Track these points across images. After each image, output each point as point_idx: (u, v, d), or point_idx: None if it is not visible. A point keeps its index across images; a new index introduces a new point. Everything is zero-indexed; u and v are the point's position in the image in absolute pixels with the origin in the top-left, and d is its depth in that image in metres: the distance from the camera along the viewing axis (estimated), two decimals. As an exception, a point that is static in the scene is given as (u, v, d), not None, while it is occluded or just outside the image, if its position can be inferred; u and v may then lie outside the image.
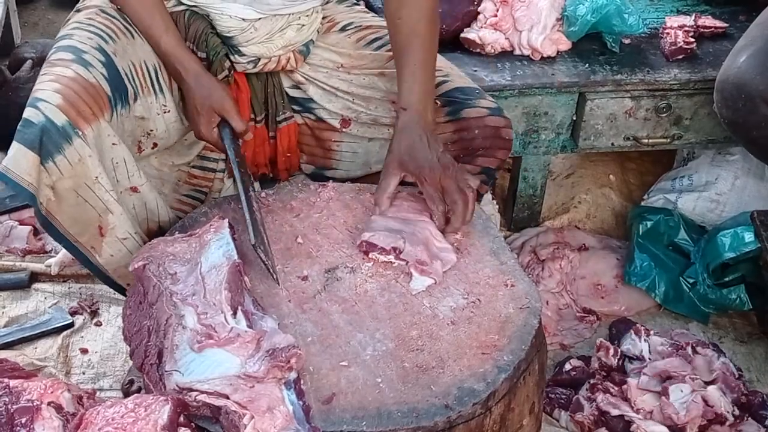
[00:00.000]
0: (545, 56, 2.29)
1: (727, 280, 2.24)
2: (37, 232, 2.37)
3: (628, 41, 2.37)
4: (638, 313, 2.28)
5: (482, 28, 2.31)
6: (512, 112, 2.24)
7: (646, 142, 2.33)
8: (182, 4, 1.78)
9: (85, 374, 2.04)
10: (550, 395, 1.99)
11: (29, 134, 1.51)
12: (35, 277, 2.27)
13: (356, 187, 1.76)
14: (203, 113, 1.71)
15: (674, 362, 1.98)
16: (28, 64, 2.81)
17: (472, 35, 2.28)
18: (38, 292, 2.24)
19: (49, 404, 1.28)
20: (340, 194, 1.73)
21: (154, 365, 1.37)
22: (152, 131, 1.75)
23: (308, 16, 1.82)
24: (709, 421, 1.88)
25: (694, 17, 2.39)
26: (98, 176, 1.57)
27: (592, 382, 2.00)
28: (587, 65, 2.28)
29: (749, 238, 2.17)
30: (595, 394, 1.97)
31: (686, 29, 2.32)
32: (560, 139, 2.34)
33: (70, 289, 2.25)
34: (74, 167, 1.54)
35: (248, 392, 1.26)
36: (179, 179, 1.88)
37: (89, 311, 2.19)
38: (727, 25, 2.41)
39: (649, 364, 1.99)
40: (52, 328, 2.12)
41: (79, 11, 1.77)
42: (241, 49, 1.77)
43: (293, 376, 1.29)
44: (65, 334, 2.12)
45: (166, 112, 1.76)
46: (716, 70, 2.14)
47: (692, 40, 2.31)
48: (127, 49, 1.70)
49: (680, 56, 2.29)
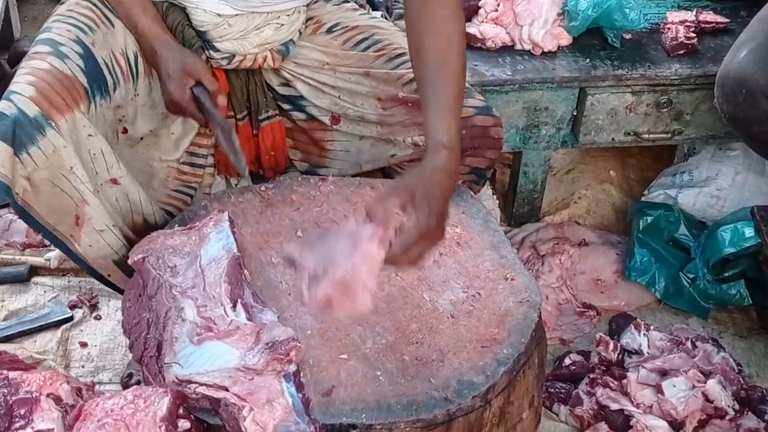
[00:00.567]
0: (546, 51, 2.28)
1: (727, 275, 2.24)
2: (36, 226, 2.37)
3: (629, 36, 2.36)
4: (638, 308, 2.28)
5: (483, 22, 2.31)
6: (513, 106, 2.24)
7: (646, 137, 2.33)
8: None
9: (84, 368, 2.04)
10: (549, 389, 1.99)
11: (2, 126, 1.50)
12: (34, 270, 2.27)
13: (356, 181, 1.76)
14: (175, 76, 1.68)
15: (673, 357, 1.98)
16: (27, 58, 2.82)
17: (473, 30, 2.28)
18: (37, 285, 2.24)
19: (48, 396, 1.27)
20: (340, 188, 1.73)
21: (153, 357, 1.37)
22: (124, 117, 1.74)
23: (289, 15, 1.80)
24: (708, 415, 1.89)
25: (695, 12, 2.39)
26: (73, 167, 1.56)
27: (591, 376, 2.00)
28: (588, 60, 2.27)
29: (749, 233, 2.17)
30: (594, 388, 1.97)
31: (687, 24, 2.31)
32: (561, 134, 2.34)
33: (69, 282, 2.25)
34: (49, 158, 1.54)
35: (247, 385, 1.26)
36: (168, 175, 1.87)
37: (88, 305, 2.18)
38: (728, 20, 2.41)
39: (648, 358, 1.99)
40: (51, 321, 2.12)
41: (62, 3, 1.77)
42: (215, 44, 1.76)
43: (293, 368, 1.29)
44: (64, 327, 2.12)
45: (136, 95, 1.74)
46: (717, 65, 2.13)
47: (693, 35, 2.30)
48: (107, 38, 1.69)
49: (681, 51, 2.29)
